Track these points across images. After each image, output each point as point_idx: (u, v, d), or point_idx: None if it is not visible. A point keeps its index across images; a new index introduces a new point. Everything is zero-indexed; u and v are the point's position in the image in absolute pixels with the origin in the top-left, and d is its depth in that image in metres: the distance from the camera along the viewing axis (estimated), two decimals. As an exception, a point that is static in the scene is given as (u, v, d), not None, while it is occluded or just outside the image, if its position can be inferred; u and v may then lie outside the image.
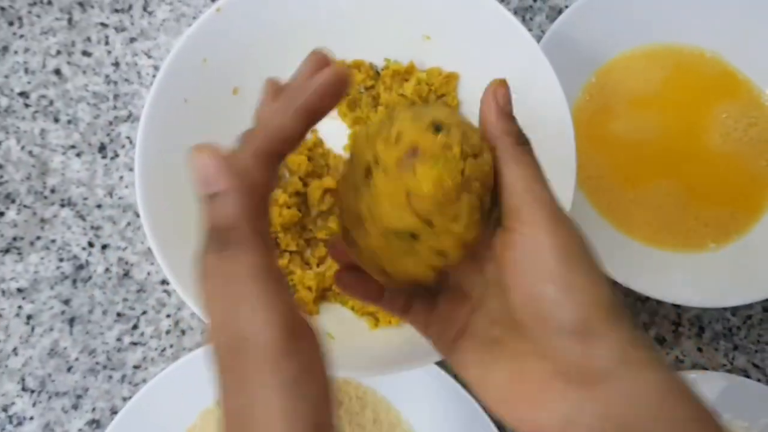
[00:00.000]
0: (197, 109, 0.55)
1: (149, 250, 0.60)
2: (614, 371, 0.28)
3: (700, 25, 0.63)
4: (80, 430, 0.58)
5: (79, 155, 0.63)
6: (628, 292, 0.61)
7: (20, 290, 0.60)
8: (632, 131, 0.62)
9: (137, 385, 0.59)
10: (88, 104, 0.64)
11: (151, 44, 0.65)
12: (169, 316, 0.60)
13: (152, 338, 0.60)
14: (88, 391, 0.59)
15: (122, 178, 0.62)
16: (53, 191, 0.62)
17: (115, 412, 0.58)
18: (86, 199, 0.62)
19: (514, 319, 0.31)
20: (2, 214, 0.61)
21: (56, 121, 0.63)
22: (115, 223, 0.61)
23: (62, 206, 0.62)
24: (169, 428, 0.57)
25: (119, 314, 0.60)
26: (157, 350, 0.60)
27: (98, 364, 0.59)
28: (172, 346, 0.60)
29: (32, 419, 0.58)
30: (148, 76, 0.65)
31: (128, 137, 0.63)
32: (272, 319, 0.26)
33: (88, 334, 0.59)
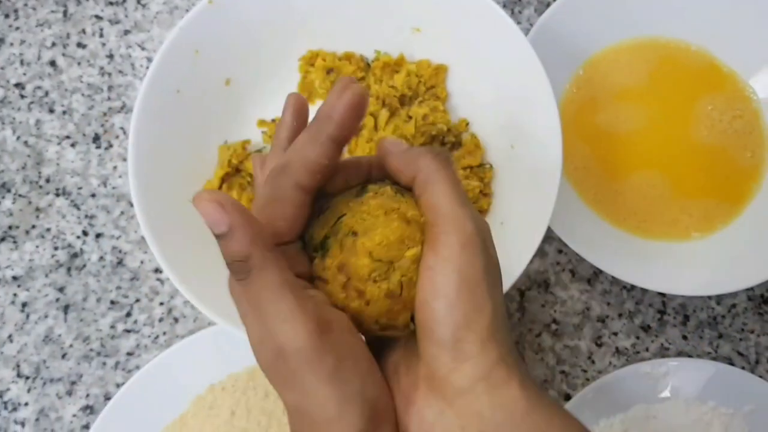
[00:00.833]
0: (190, 100, 0.55)
1: (142, 239, 0.61)
2: (473, 388, 0.30)
3: (686, 18, 0.64)
4: (74, 415, 0.59)
5: (73, 145, 0.63)
6: (614, 280, 0.62)
7: (15, 278, 0.61)
8: (619, 123, 0.63)
9: (130, 371, 0.60)
10: (82, 95, 0.65)
11: (144, 36, 0.66)
12: (162, 304, 0.61)
13: (145, 326, 0.61)
14: (82, 377, 0.60)
15: (116, 168, 0.63)
16: (48, 181, 0.63)
17: (108, 398, 0.59)
18: (80, 188, 0.63)
19: None
20: (-2, 203, 0.62)
21: (51, 111, 0.64)
22: (109, 212, 0.62)
23: (57, 195, 0.62)
24: (161, 414, 0.58)
25: (113, 302, 0.61)
26: (150, 337, 0.60)
27: (92, 350, 0.60)
28: (165, 333, 0.61)
29: (27, 405, 0.59)
30: (141, 67, 0.65)
31: (122, 128, 0.64)
32: (299, 325, 0.29)
33: (82, 321, 0.60)
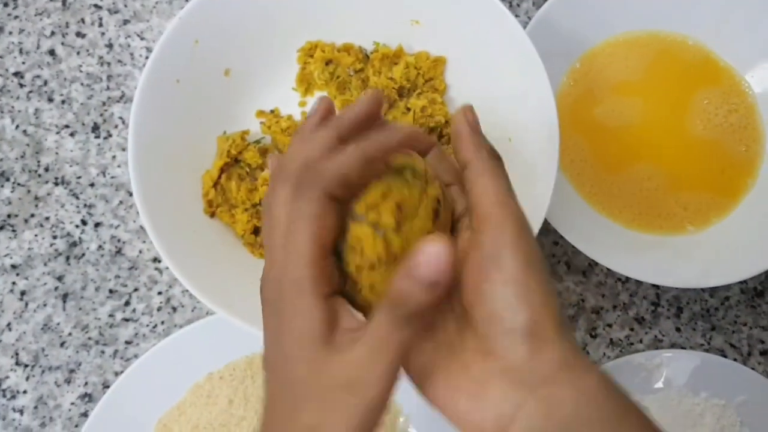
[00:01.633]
0: (189, 90, 0.56)
1: (141, 228, 0.62)
2: (558, 375, 0.29)
3: (683, 12, 0.64)
4: (73, 403, 0.59)
5: (72, 135, 0.64)
6: (609, 272, 0.62)
7: (14, 266, 0.61)
8: (615, 116, 0.63)
9: (129, 360, 0.60)
10: (81, 85, 0.65)
11: (143, 26, 0.66)
12: (160, 293, 0.61)
13: (144, 315, 0.61)
14: (80, 365, 0.60)
15: (115, 157, 0.63)
16: (47, 170, 0.63)
17: (107, 386, 0.59)
18: (79, 177, 0.63)
19: (461, 316, 0.32)
20: (-3, 192, 0.62)
21: (50, 101, 0.64)
22: (107, 201, 0.63)
23: (56, 184, 0.63)
24: (160, 402, 0.58)
25: (111, 291, 0.61)
26: (148, 326, 0.61)
27: (91, 339, 0.60)
28: (163, 322, 0.61)
29: (26, 393, 0.59)
30: (141, 57, 0.66)
31: (121, 117, 0.64)
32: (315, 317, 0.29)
33: (81, 310, 0.61)
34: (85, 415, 0.59)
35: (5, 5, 0.66)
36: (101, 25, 0.66)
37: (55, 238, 0.62)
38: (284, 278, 0.30)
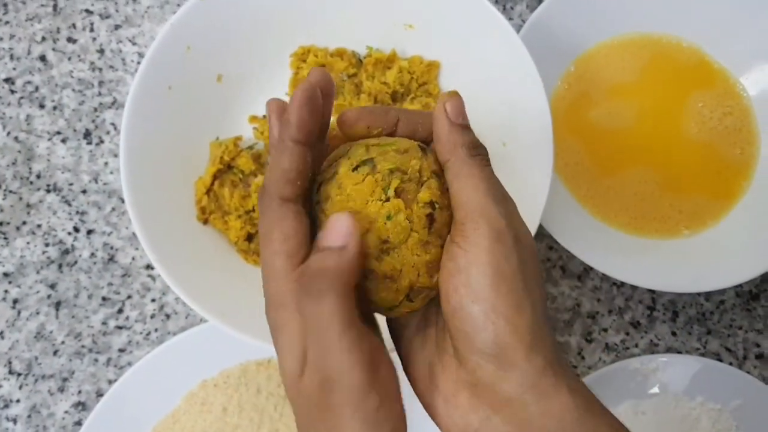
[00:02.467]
0: (181, 96, 0.55)
1: (134, 235, 0.61)
2: (521, 397, 0.29)
3: (678, 15, 0.64)
4: (66, 412, 0.59)
5: (64, 141, 0.63)
6: (604, 276, 0.62)
7: (6, 274, 0.61)
8: (610, 119, 0.63)
9: (122, 368, 0.60)
10: (73, 90, 0.64)
11: (135, 31, 0.66)
12: (153, 300, 0.61)
13: (137, 322, 0.61)
14: (74, 374, 0.60)
15: (107, 164, 0.63)
16: (39, 177, 0.62)
17: (100, 394, 0.59)
18: (72, 184, 0.62)
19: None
20: (-12, 199, 0.62)
21: (42, 107, 0.64)
22: (100, 208, 0.62)
23: (48, 192, 0.62)
24: (153, 410, 0.58)
25: (104, 298, 0.61)
26: (141, 334, 0.60)
27: (84, 347, 0.60)
28: (156, 330, 0.61)
29: (19, 402, 0.59)
30: (132, 63, 0.65)
31: (113, 123, 0.64)
32: (356, 361, 0.28)
33: (74, 317, 0.60)
34: (78, 423, 0.59)
35: (-4, 11, 0.65)
36: (92, 30, 0.66)
37: (47, 245, 0.61)
38: (267, 297, 0.31)
